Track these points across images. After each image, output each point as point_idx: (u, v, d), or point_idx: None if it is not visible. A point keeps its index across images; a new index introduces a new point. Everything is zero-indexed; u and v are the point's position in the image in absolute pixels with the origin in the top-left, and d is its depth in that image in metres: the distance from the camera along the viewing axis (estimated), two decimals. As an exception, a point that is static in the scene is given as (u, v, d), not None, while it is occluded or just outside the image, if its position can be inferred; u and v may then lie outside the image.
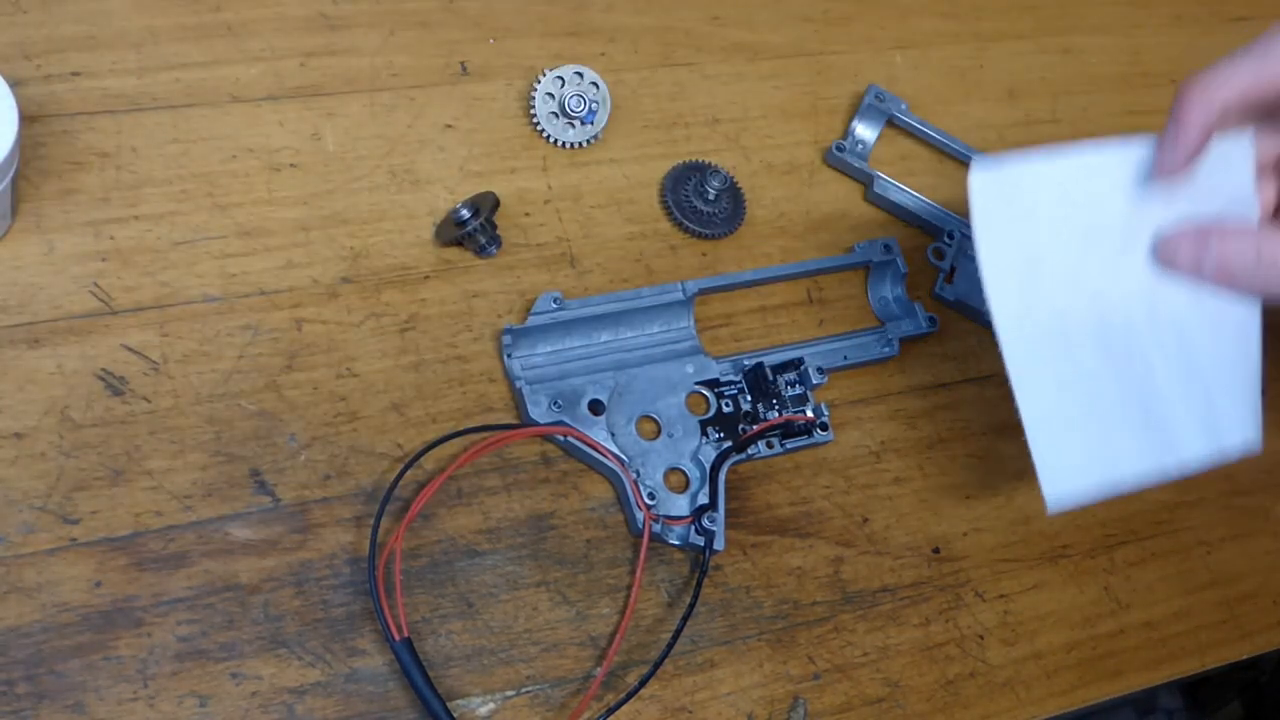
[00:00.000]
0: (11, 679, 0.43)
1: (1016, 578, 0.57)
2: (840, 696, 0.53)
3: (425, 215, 0.56)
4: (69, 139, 0.52)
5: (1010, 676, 0.55)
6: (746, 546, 0.54)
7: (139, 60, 0.55)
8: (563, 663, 0.50)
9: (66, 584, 0.45)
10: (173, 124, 0.54)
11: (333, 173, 0.55)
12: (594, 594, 0.51)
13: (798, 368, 0.56)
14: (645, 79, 0.62)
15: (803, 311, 0.60)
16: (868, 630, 0.54)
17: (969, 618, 0.56)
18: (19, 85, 0.52)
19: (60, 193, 0.51)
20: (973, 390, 0.61)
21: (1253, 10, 0.78)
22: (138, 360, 0.49)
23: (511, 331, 0.53)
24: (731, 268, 0.59)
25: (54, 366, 0.48)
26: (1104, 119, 0.70)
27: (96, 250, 0.50)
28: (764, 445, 0.55)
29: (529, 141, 0.59)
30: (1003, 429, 0.60)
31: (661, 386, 0.54)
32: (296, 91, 0.56)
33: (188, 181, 0.53)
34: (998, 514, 0.58)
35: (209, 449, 0.48)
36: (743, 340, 0.58)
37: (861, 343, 0.59)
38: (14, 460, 0.46)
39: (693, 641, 0.51)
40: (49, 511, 0.46)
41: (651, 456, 0.53)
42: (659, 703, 0.50)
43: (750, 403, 0.55)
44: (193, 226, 0.52)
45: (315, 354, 0.51)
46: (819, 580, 0.54)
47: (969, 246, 0.63)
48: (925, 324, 0.60)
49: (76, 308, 0.49)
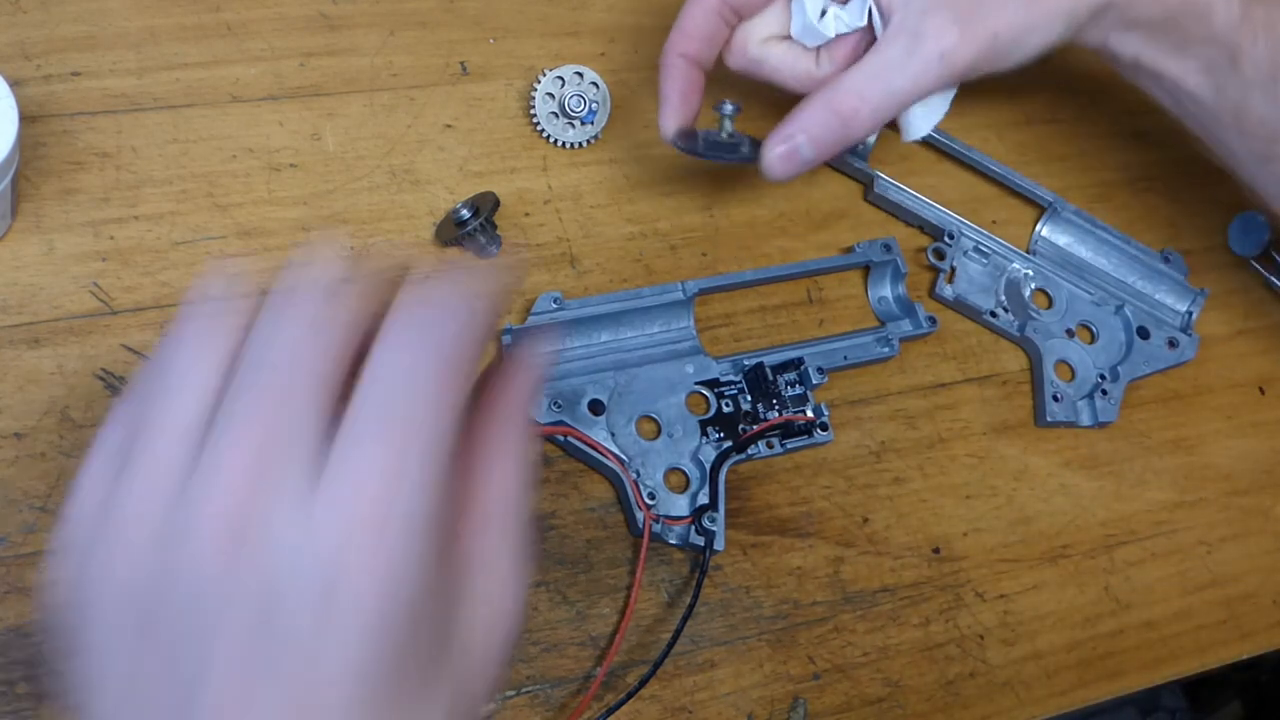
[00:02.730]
0: (11, 679, 0.43)
1: (1016, 578, 0.57)
2: (840, 696, 0.53)
3: (425, 215, 0.56)
4: (69, 139, 0.52)
5: (1010, 676, 0.55)
6: (746, 546, 0.54)
7: (139, 60, 0.55)
8: (563, 663, 0.50)
9: (66, 584, 0.45)
10: (173, 124, 0.54)
11: (333, 173, 0.55)
12: (594, 594, 0.51)
13: (798, 368, 0.56)
14: (645, 79, 0.62)
15: (803, 311, 0.60)
16: (868, 630, 0.54)
17: (969, 618, 0.56)
18: (19, 85, 0.52)
19: (60, 193, 0.51)
20: (973, 390, 0.61)
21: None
22: (138, 360, 0.49)
23: (512, 331, 0.53)
24: (731, 268, 0.59)
25: (54, 366, 0.48)
26: (1105, 119, 0.71)
27: (96, 250, 0.50)
28: (764, 445, 0.55)
29: (529, 141, 0.59)
30: (1003, 429, 0.60)
31: (661, 386, 0.54)
32: (296, 91, 0.56)
33: (188, 181, 0.53)
34: (998, 514, 0.58)
35: (209, 449, 0.48)
36: (743, 340, 0.58)
37: (861, 343, 0.59)
38: (14, 460, 0.46)
39: (693, 641, 0.51)
40: (49, 511, 0.46)
41: (651, 456, 0.53)
42: (659, 703, 0.50)
43: (750, 403, 0.55)
44: (193, 226, 0.52)
45: (315, 354, 0.51)
46: (819, 580, 0.54)
47: (969, 246, 0.63)
48: (925, 324, 0.60)
49: (76, 308, 0.49)
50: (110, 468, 0.31)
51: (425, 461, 0.29)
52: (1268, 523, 0.63)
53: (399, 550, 0.28)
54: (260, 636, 0.28)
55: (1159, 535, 0.61)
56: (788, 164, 0.53)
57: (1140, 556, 0.60)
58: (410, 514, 0.29)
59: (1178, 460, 0.63)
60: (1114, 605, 0.58)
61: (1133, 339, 0.64)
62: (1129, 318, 0.64)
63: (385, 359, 0.30)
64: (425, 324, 0.30)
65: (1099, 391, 0.62)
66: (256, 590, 0.28)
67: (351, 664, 0.28)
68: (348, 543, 0.28)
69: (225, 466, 0.29)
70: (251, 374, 0.30)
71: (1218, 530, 0.62)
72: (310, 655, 0.28)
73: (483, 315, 0.31)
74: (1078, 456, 0.61)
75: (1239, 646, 0.60)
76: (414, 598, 0.29)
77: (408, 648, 0.29)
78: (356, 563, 0.28)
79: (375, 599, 0.28)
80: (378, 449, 0.29)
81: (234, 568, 0.28)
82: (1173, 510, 0.62)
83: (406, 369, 0.29)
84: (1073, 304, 0.64)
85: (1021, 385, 0.62)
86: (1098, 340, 0.63)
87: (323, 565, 0.28)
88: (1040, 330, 0.62)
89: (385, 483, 0.28)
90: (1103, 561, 0.59)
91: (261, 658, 0.28)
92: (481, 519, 0.32)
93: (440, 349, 0.30)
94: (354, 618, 0.28)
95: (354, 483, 0.28)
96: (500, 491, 0.33)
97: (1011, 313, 0.62)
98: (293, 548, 0.28)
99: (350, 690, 0.28)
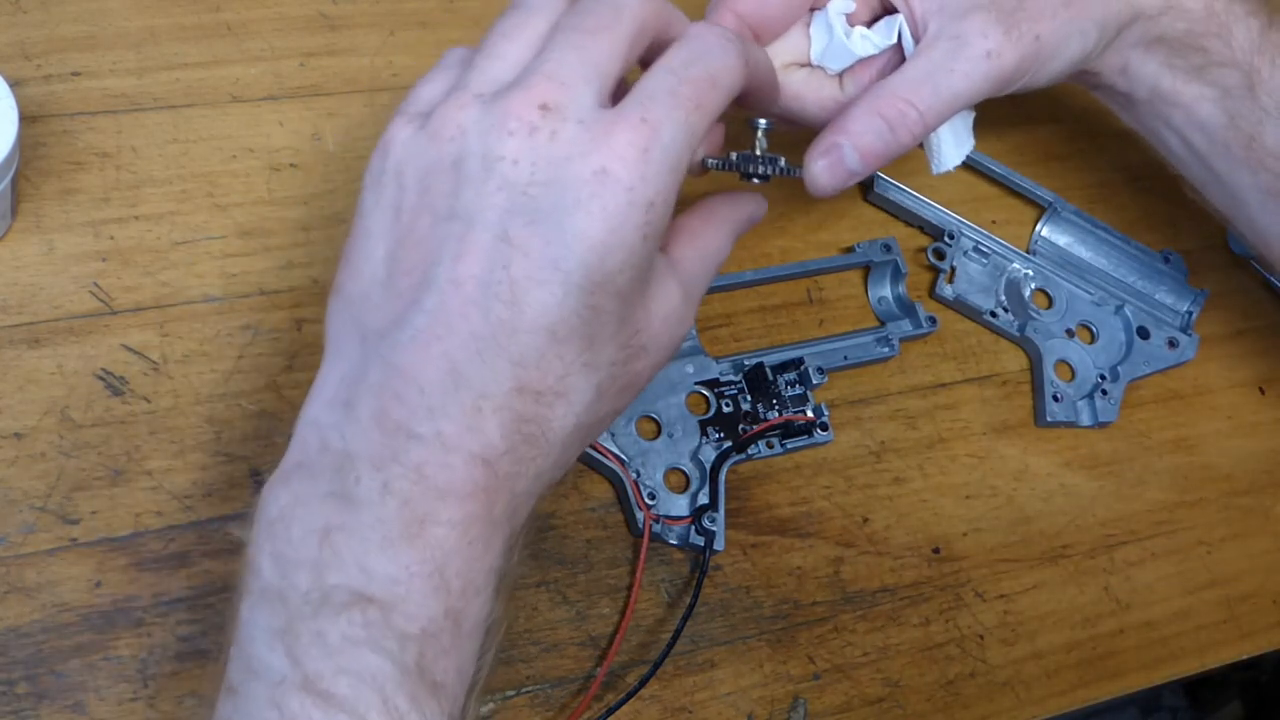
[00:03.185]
0: (11, 679, 0.43)
1: (1016, 578, 0.57)
2: (840, 696, 0.53)
3: (425, 215, 0.56)
4: (69, 139, 0.52)
5: (1010, 676, 0.55)
6: (746, 546, 0.54)
7: (139, 60, 0.55)
8: (563, 663, 0.50)
9: (66, 584, 0.45)
10: (173, 124, 0.54)
11: (333, 173, 0.55)
12: (594, 594, 0.51)
13: (798, 368, 0.56)
14: (645, 79, 0.62)
15: (803, 311, 0.60)
16: (868, 630, 0.54)
17: (969, 618, 0.56)
18: (19, 85, 0.52)
19: (60, 193, 0.51)
20: (973, 390, 0.61)
21: (1253, 10, 0.78)
22: (138, 360, 0.49)
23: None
24: (731, 268, 0.59)
25: (54, 366, 0.48)
26: (1104, 119, 0.70)
27: (96, 250, 0.50)
28: (764, 445, 0.55)
29: (529, 141, 0.59)
30: (1003, 429, 0.60)
31: (661, 386, 0.54)
32: (296, 91, 0.56)
33: (188, 181, 0.53)
34: (997, 514, 0.58)
35: (209, 449, 0.48)
36: (743, 340, 0.58)
37: (861, 343, 0.59)
38: (14, 460, 0.46)
39: (693, 641, 0.51)
40: (49, 512, 0.46)
41: (651, 456, 0.53)
42: (659, 703, 0.50)
43: (750, 403, 0.55)
44: (193, 226, 0.52)
45: (316, 354, 0.51)
46: (819, 580, 0.54)
47: (969, 246, 0.63)
48: (925, 324, 0.60)
49: (76, 308, 0.49)
50: (451, 75, 0.39)
51: (686, 128, 0.37)
52: (1268, 523, 0.63)
53: (652, 173, 0.36)
54: (514, 218, 0.36)
55: (1159, 535, 0.61)
56: (833, 176, 0.48)
57: (1140, 556, 0.60)
58: (667, 151, 0.37)
59: (1178, 460, 0.63)
60: (1114, 605, 0.58)
61: (1133, 339, 0.64)
62: (1129, 318, 0.64)
63: (667, 59, 0.39)
64: (700, 45, 0.39)
65: (1099, 391, 0.62)
66: (529, 176, 0.36)
67: (566, 268, 0.36)
68: (614, 149, 0.36)
69: (538, 76, 0.37)
70: (574, 18, 0.38)
71: (1218, 530, 0.62)
72: (550, 239, 0.36)
73: (741, 59, 0.40)
74: (1078, 456, 0.61)
75: (1239, 646, 0.60)
76: (632, 241, 0.36)
77: (606, 288, 0.36)
78: (618, 168, 0.36)
79: (623, 202, 0.36)
80: (655, 102, 0.37)
81: (519, 153, 0.36)
82: (1172, 510, 0.62)
83: (683, 63, 0.38)
84: (1073, 304, 0.64)
85: (1021, 385, 0.62)
86: (1098, 340, 0.63)
87: (590, 163, 0.36)
88: (1040, 330, 0.62)
89: (653, 125, 0.36)
90: (1102, 561, 0.59)
91: (506, 245, 0.36)
92: (689, 230, 0.43)
93: (709, 62, 0.39)
94: (597, 218, 0.36)
95: (630, 116, 0.36)
96: (705, 229, 0.44)
97: (1011, 313, 0.62)
98: (574, 139, 0.36)
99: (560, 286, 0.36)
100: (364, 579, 0.34)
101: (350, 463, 0.35)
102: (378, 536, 0.34)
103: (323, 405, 0.37)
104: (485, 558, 0.36)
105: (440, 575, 0.35)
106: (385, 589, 0.34)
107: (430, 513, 0.35)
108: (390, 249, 0.37)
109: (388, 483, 0.35)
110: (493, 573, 0.37)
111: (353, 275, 0.38)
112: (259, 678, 0.34)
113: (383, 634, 0.34)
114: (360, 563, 0.34)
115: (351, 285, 0.38)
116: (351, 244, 0.38)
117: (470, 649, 0.36)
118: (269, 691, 0.34)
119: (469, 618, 0.36)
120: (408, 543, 0.34)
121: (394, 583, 0.34)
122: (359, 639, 0.34)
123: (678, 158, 0.37)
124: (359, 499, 0.35)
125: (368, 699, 0.33)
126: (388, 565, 0.34)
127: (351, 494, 0.35)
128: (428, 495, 0.35)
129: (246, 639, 0.35)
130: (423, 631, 0.34)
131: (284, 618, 0.34)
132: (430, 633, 0.34)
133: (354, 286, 0.38)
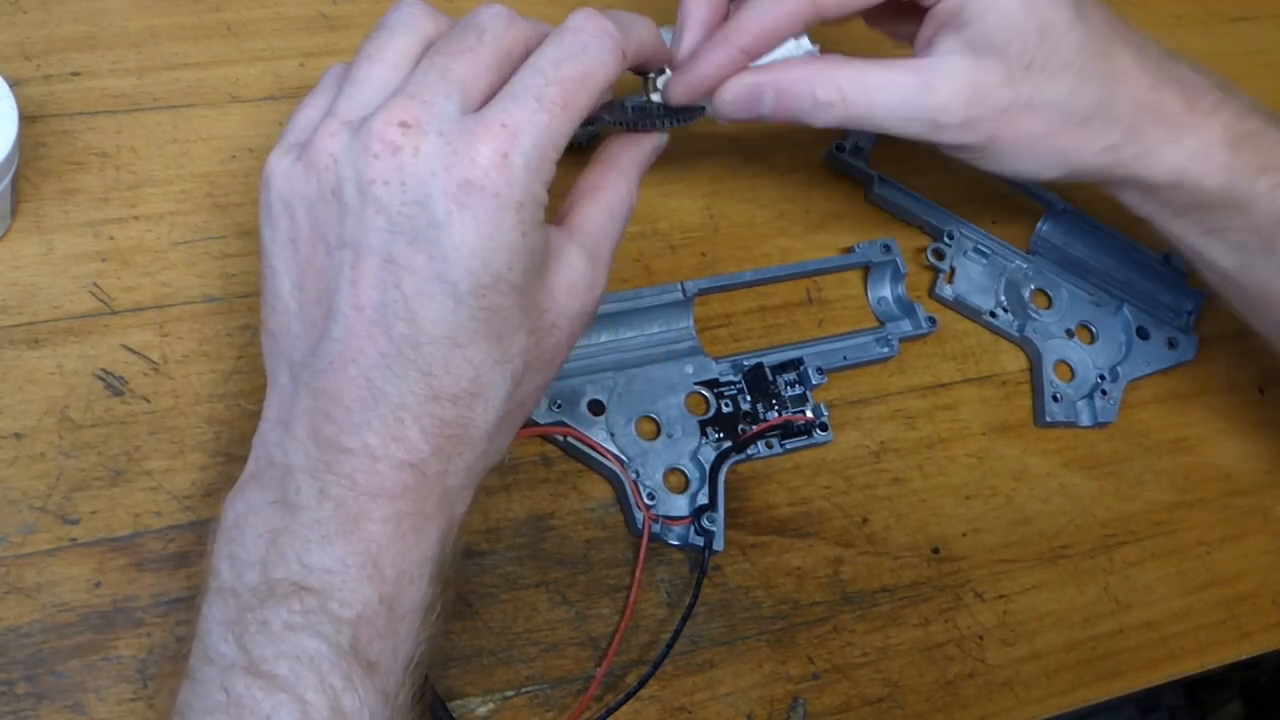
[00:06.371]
0: (11, 679, 0.43)
1: (1016, 578, 0.57)
2: (840, 697, 0.53)
3: (425, 215, 0.56)
4: (69, 139, 0.52)
5: (1010, 676, 0.55)
6: (746, 547, 0.54)
7: (139, 60, 0.55)
8: (562, 663, 0.50)
9: (66, 584, 0.45)
10: (173, 124, 0.54)
11: (332, 173, 0.55)
12: (594, 594, 0.51)
13: (797, 368, 0.56)
14: (645, 79, 0.62)
15: (802, 311, 0.60)
16: (867, 630, 0.54)
17: (968, 618, 0.56)
18: (19, 85, 0.52)
19: (60, 193, 0.51)
20: (973, 390, 0.61)
21: (1253, 10, 0.78)
22: (138, 360, 0.49)
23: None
24: (731, 268, 0.59)
25: (54, 366, 0.48)
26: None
27: (96, 250, 0.51)
28: (763, 445, 0.55)
29: (529, 141, 0.59)
30: (1002, 429, 0.60)
31: (661, 387, 0.54)
32: (296, 91, 0.56)
33: (188, 181, 0.53)
34: (997, 514, 0.58)
35: (209, 449, 0.48)
36: (742, 340, 0.58)
37: (861, 343, 0.59)
38: (14, 460, 0.46)
39: (692, 642, 0.52)
40: (49, 512, 0.46)
41: (651, 457, 0.53)
42: (659, 703, 0.50)
43: (750, 403, 0.55)
44: (192, 226, 0.52)
45: (315, 354, 0.51)
46: (818, 580, 0.54)
47: (968, 246, 0.63)
48: (925, 324, 0.60)
49: (76, 308, 0.49)
50: (326, 99, 0.41)
51: (549, 131, 0.38)
52: (1267, 523, 0.63)
53: (516, 177, 0.37)
54: (396, 239, 0.37)
55: (1158, 535, 0.61)
56: (743, 108, 0.49)
57: (1140, 556, 0.60)
58: (529, 155, 0.37)
59: (1177, 460, 0.63)
60: (1114, 605, 0.58)
61: (1132, 339, 0.64)
62: (1129, 318, 0.64)
63: (537, 58, 0.39)
64: (574, 40, 0.40)
65: (1099, 391, 0.62)
66: (400, 196, 0.37)
67: (456, 270, 0.37)
68: (475, 160, 0.36)
69: (399, 97, 0.38)
70: (439, 43, 0.39)
71: (1217, 530, 0.62)
72: (430, 250, 0.37)
73: (616, 52, 0.40)
74: (1077, 456, 0.61)
75: (1239, 646, 0.60)
76: (512, 240, 0.37)
77: (498, 287, 0.37)
78: (480, 177, 0.36)
79: (491, 208, 0.36)
80: (517, 105, 0.38)
81: (388, 174, 0.37)
82: (1172, 510, 0.62)
83: (552, 62, 0.39)
84: (1072, 304, 0.64)
85: (1021, 385, 0.62)
86: (1097, 340, 0.63)
87: (453, 177, 0.36)
88: (1040, 330, 0.62)
89: (513, 130, 0.37)
90: (1102, 561, 0.59)
91: (394, 266, 0.37)
92: (589, 188, 0.44)
93: (580, 59, 0.39)
94: (468, 228, 0.36)
95: (490, 122, 0.37)
96: (604, 182, 0.44)
97: (1011, 313, 0.62)
98: (435, 154, 0.37)
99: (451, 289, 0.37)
100: (303, 572, 0.37)
101: (291, 475, 0.38)
102: (316, 535, 0.37)
103: (270, 425, 0.40)
104: (419, 548, 0.39)
105: (374, 565, 0.37)
106: (322, 579, 0.37)
107: (363, 512, 0.38)
108: (295, 280, 0.39)
109: (324, 489, 0.38)
110: (428, 561, 0.39)
111: (270, 311, 0.40)
112: (212, 664, 0.37)
113: (319, 620, 0.37)
114: (300, 558, 0.37)
115: (272, 321, 0.40)
116: (263, 281, 0.40)
117: (406, 630, 0.39)
118: (219, 676, 0.37)
119: (404, 602, 0.38)
120: (343, 538, 0.37)
121: (330, 573, 0.37)
122: (298, 625, 0.36)
123: (541, 159, 0.38)
124: (300, 505, 0.38)
125: (305, 678, 0.36)
126: (324, 558, 0.37)
127: (294, 501, 0.38)
128: (360, 498, 0.38)
129: (205, 632, 0.38)
130: (358, 616, 0.37)
131: (235, 610, 0.37)
132: (365, 617, 0.37)
133: (274, 321, 0.40)
